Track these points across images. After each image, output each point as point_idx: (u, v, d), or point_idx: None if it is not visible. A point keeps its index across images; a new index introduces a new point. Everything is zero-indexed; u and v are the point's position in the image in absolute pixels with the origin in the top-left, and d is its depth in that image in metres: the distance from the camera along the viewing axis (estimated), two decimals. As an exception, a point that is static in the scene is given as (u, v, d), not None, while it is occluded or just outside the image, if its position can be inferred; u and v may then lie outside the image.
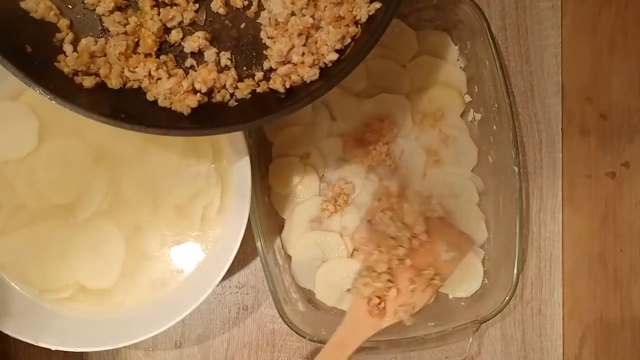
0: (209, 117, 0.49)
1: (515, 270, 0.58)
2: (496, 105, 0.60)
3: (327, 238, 0.61)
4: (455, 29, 0.63)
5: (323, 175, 0.62)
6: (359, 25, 0.49)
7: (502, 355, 0.65)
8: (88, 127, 0.54)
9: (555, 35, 0.66)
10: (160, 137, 0.55)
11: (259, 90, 0.50)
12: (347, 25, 0.48)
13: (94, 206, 0.57)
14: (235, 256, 0.54)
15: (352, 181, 0.62)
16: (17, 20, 0.47)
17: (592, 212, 0.62)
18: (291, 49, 0.48)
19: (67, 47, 0.48)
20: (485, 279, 0.61)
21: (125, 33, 0.49)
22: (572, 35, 0.65)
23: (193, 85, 0.49)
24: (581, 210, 0.64)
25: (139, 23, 0.48)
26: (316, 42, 0.49)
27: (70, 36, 0.49)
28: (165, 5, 0.49)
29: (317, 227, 0.61)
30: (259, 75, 0.50)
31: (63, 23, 0.48)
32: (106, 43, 0.49)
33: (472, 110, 0.63)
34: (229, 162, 0.57)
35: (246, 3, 0.50)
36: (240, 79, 0.50)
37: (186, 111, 0.48)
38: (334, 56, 0.48)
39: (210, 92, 0.50)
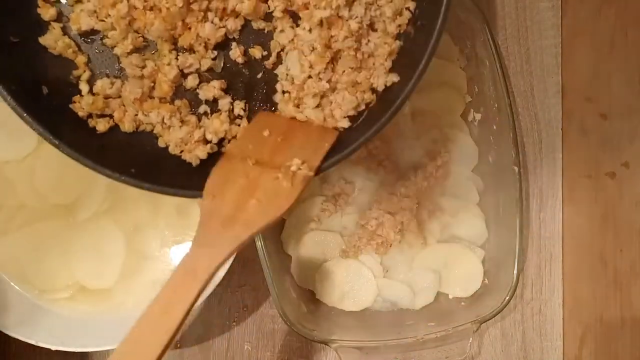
0: None
1: (515, 270, 0.58)
2: (496, 105, 0.60)
3: (327, 238, 0.61)
4: (455, 29, 0.63)
5: (323, 175, 0.62)
6: (374, 93, 0.48)
7: (502, 355, 0.65)
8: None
9: (555, 35, 0.66)
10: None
11: None
12: (363, 92, 0.48)
13: (94, 206, 0.57)
14: (235, 256, 0.54)
15: (352, 181, 0.62)
16: (34, 57, 0.46)
17: (592, 212, 0.62)
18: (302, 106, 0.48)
19: (84, 86, 0.47)
20: (485, 279, 0.61)
21: (142, 76, 0.48)
22: (572, 35, 0.65)
23: (204, 135, 0.49)
24: (581, 210, 0.64)
25: (156, 68, 0.48)
26: (330, 104, 0.48)
27: (87, 74, 0.48)
28: (184, 50, 0.49)
29: (317, 227, 0.61)
30: None
31: (81, 60, 0.48)
32: (122, 86, 0.48)
33: (472, 110, 0.63)
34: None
35: (265, 54, 0.49)
36: None
37: (195, 162, 0.48)
38: (346, 123, 0.47)
39: (220, 142, 0.49)
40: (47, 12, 0.46)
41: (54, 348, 0.55)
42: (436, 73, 0.63)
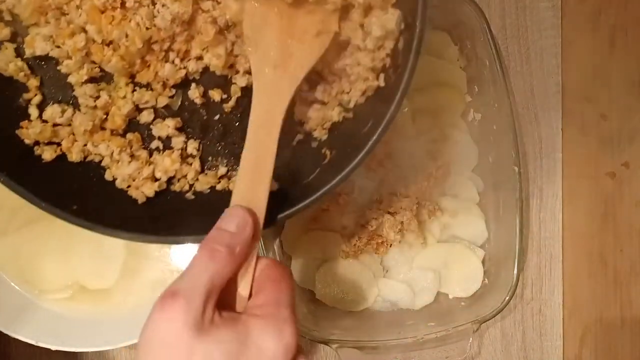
0: (163, 209, 0.47)
1: (515, 270, 0.58)
2: (496, 105, 0.60)
3: (327, 238, 0.61)
4: (455, 29, 0.63)
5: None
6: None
7: (502, 355, 0.65)
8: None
9: (555, 35, 0.66)
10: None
11: (218, 187, 0.48)
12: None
13: (94, 206, 0.57)
14: (235, 256, 0.54)
15: (352, 181, 0.62)
16: None
17: (592, 212, 0.62)
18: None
19: (33, 111, 0.45)
20: (485, 279, 0.61)
21: (95, 107, 0.46)
22: (572, 35, 0.65)
23: (154, 173, 0.47)
24: (581, 210, 0.64)
25: (110, 100, 0.46)
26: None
27: (37, 98, 0.45)
28: (141, 86, 0.47)
29: (317, 227, 0.61)
30: (222, 169, 0.48)
31: (32, 84, 0.45)
32: (73, 115, 0.46)
33: (472, 110, 0.63)
34: (229, 162, 0.58)
35: (224, 97, 0.48)
36: (203, 172, 0.49)
37: (141, 199, 0.46)
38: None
39: (169, 180, 0.48)
40: (0, 32, 0.44)
41: (54, 348, 0.55)
42: (436, 73, 0.63)
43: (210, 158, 0.49)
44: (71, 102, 0.46)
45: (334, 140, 0.47)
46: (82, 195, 0.45)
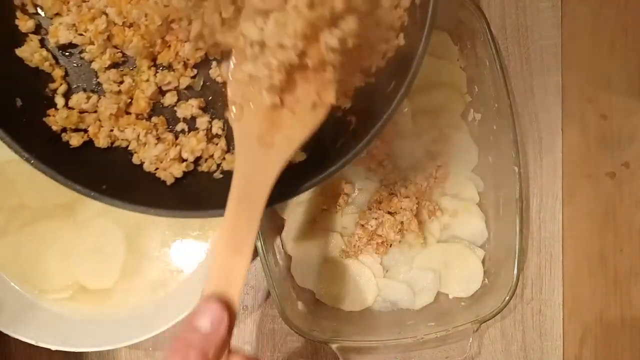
0: (192, 189, 0.47)
1: (515, 270, 0.58)
2: (496, 105, 0.60)
3: (327, 238, 0.61)
4: (455, 29, 0.63)
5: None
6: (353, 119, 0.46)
7: (502, 355, 0.65)
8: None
9: (555, 35, 0.66)
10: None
11: None
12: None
13: (95, 206, 0.57)
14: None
15: (352, 181, 0.62)
16: (9, 68, 0.45)
17: (592, 212, 0.62)
18: None
19: (59, 100, 0.46)
20: (485, 279, 0.61)
21: (119, 92, 0.47)
22: (572, 35, 0.65)
23: (180, 153, 0.48)
24: (581, 210, 0.64)
25: (133, 84, 0.47)
26: None
27: (63, 87, 0.47)
28: (163, 67, 0.48)
29: (317, 227, 0.61)
30: None
31: (57, 73, 0.47)
32: (98, 101, 0.47)
33: (472, 110, 0.63)
34: (229, 162, 0.58)
35: None
36: (229, 150, 0.49)
37: (169, 180, 0.47)
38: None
39: (196, 161, 0.49)
40: (25, 24, 0.45)
41: (54, 348, 0.55)
42: (436, 73, 0.63)
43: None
44: (96, 90, 0.48)
45: (357, 106, 0.47)
46: (111, 179, 0.45)
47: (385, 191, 0.61)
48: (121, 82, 0.47)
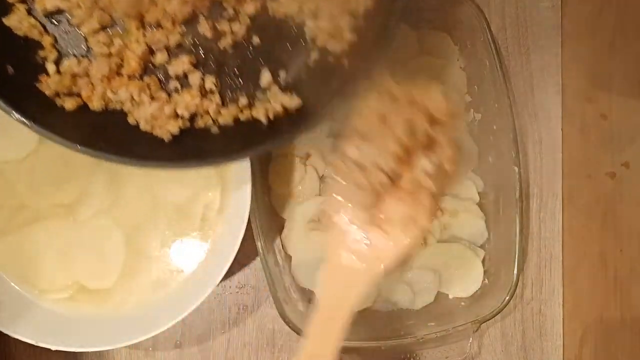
0: (190, 145, 0.48)
1: (515, 270, 0.58)
2: (496, 105, 0.60)
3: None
4: (455, 29, 0.63)
5: (323, 175, 0.62)
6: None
7: (502, 355, 0.65)
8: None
9: (555, 35, 0.66)
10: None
11: (242, 118, 0.49)
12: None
13: (94, 206, 0.57)
14: (235, 256, 0.54)
15: (352, 181, 0.62)
16: None
17: (592, 212, 0.62)
18: None
19: (50, 67, 0.47)
20: (485, 279, 0.61)
21: (110, 54, 0.48)
22: (572, 35, 0.65)
23: (175, 110, 0.48)
24: (581, 210, 0.64)
25: (123, 45, 0.48)
26: None
27: (53, 54, 0.47)
28: (152, 27, 0.48)
29: (317, 227, 0.61)
30: (243, 100, 0.49)
31: (47, 41, 0.47)
32: (89, 64, 0.48)
33: (472, 110, 0.63)
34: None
35: (235, 27, 0.49)
36: (224, 105, 0.50)
37: (167, 137, 0.47)
38: None
39: (192, 118, 0.49)
40: None
41: (54, 348, 0.55)
42: (436, 73, 0.63)
43: (229, 92, 0.50)
44: (86, 54, 0.48)
45: (349, 48, 0.47)
46: (108, 139, 0.46)
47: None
48: (111, 45, 0.48)
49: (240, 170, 0.55)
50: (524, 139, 0.66)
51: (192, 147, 0.48)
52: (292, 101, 0.48)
